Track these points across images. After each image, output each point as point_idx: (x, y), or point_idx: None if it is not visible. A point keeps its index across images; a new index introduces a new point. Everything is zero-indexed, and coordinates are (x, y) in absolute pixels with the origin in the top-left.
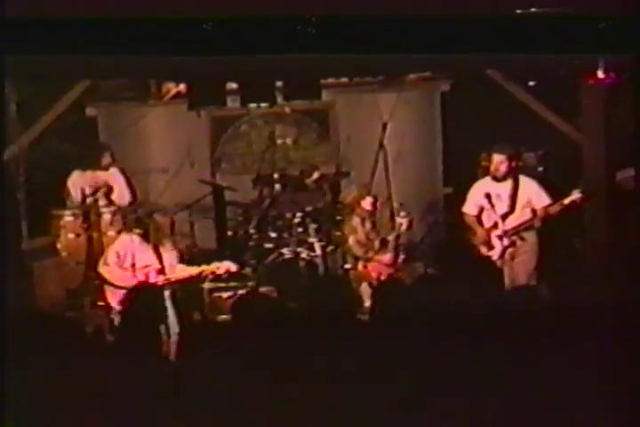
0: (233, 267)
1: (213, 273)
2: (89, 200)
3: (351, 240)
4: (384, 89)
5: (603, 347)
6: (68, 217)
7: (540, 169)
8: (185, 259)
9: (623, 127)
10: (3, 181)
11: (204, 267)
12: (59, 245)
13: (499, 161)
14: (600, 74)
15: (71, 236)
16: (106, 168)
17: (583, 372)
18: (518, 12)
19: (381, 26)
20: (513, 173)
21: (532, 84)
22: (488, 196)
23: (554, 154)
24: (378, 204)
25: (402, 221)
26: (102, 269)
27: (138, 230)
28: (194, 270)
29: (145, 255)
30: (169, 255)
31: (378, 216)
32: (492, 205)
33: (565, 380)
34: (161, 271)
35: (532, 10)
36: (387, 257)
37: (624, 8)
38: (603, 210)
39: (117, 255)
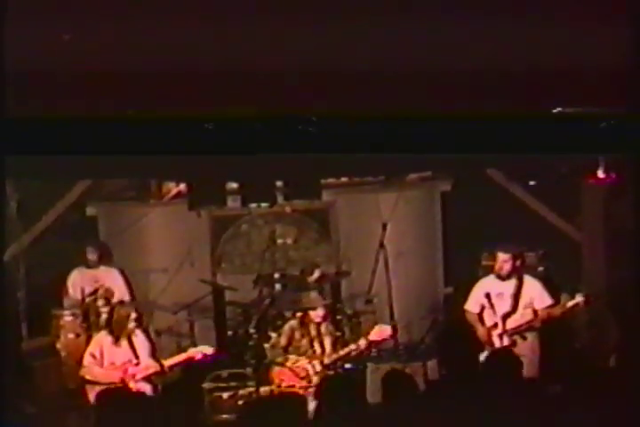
0: (209, 350)
1: (192, 358)
2: (88, 300)
3: (271, 341)
4: (384, 189)
5: None
6: (67, 317)
7: (541, 269)
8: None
9: (623, 227)
10: (3, 281)
11: (180, 356)
12: (58, 345)
13: (503, 260)
14: (600, 173)
15: (71, 336)
16: (95, 265)
17: None
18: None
19: (381, 126)
20: (517, 273)
21: (532, 183)
22: (488, 295)
23: (554, 253)
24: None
25: None
26: (82, 372)
27: (109, 328)
28: (171, 361)
29: (117, 352)
30: (142, 349)
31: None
32: (492, 305)
33: None
34: (138, 365)
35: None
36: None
37: (624, 107)
38: (603, 309)
39: (92, 356)
